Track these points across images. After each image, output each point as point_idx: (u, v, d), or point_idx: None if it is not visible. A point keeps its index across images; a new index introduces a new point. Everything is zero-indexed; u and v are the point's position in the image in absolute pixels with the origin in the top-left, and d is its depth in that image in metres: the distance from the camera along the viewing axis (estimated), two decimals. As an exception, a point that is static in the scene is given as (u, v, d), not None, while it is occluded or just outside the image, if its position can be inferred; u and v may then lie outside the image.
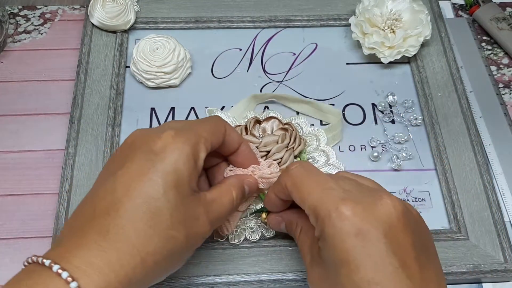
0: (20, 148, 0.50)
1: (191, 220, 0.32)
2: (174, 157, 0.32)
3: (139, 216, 0.30)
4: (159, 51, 0.51)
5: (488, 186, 0.47)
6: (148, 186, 0.31)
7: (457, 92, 0.52)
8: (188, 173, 0.32)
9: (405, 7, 0.53)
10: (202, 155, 0.34)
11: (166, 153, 0.32)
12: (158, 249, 0.30)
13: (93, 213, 0.31)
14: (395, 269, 0.28)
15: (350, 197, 0.31)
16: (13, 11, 0.58)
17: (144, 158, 0.32)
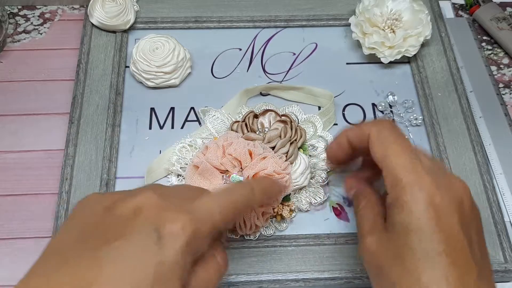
0: (20, 148, 0.50)
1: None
2: (175, 249, 0.26)
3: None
4: (159, 51, 0.50)
5: (488, 186, 0.47)
6: (135, 278, 0.25)
7: (457, 92, 0.52)
8: (181, 270, 0.26)
9: (405, 7, 0.53)
10: (203, 248, 0.29)
11: (169, 242, 0.26)
12: None
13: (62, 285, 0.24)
14: (463, 246, 0.30)
15: (431, 173, 0.32)
16: (12, 11, 0.58)
17: (143, 240, 0.26)
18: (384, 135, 0.34)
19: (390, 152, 0.33)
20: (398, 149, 0.33)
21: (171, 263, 0.25)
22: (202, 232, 0.27)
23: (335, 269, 0.42)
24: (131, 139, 0.49)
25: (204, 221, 0.28)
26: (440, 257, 0.29)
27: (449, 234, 0.30)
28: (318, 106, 0.52)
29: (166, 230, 0.26)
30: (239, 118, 0.48)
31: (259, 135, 0.45)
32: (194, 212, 0.27)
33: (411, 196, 0.31)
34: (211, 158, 0.42)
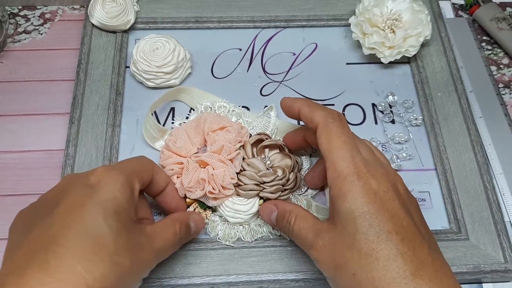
0: (20, 148, 0.50)
1: (135, 247, 0.33)
2: (110, 187, 0.33)
3: (81, 244, 0.30)
4: (159, 51, 0.51)
5: (488, 186, 0.47)
6: (87, 216, 0.31)
7: (457, 92, 0.52)
8: (126, 201, 0.33)
9: (405, 7, 0.53)
10: (136, 186, 0.36)
11: (101, 184, 0.33)
12: (105, 275, 0.30)
13: (31, 252, 0.29)
14: (409, 223, 0.33)
15: (366, 163, 0.35)
16: (13, 11, 0.58)
17: (80, 192, 0.32)
18: (330, 127, 0.36)
19: (333, 145, 0.35)
20: (340, 142, 0.35)
21: (110, 198, 0.33)
22: (124, 171, 0.35)
23: (335, 269, 0.42)
24: (131, 139, 0.49)
25: (122, 167, 0.36)
26: (391, 235, 0.31)
27: (393, 214, 0.32)
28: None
29: (91, 180, 0.33)
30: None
31: (261, 162, 0.45)
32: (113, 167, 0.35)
33: (351, 185, 0.33)
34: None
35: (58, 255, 0.29)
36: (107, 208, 0.32)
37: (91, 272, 0.29)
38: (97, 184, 0.33)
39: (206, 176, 0.42)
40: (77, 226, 0.30)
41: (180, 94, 0.51)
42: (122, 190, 0.33)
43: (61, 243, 0.29)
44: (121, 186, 0.33)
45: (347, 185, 0.33)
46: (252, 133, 0.48)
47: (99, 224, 0.31)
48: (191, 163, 0.43)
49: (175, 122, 0.50)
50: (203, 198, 0.43)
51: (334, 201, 0.34)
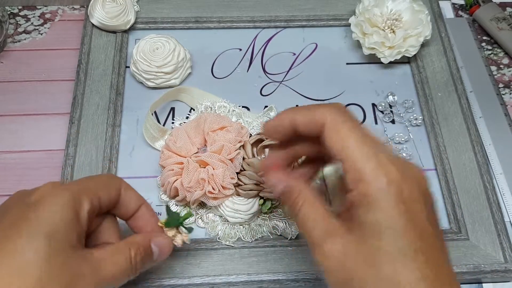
0: (20, 148, 0.50)
1: (70, 277, 0.29)
2: (49, 206, 0.30)
3: (4, 270, 0.27)
4: (159, 51, 0.51)
5: (488, 186, 0.47)
6: (15, 238, 0.28)
7: (457, 92, 0.52)
8: (64, 224, 0.30)
9: (405, 7, 0.53)
10: (85, 207, 0.32)
11: (41, 202, 0.30)
12: None
13: None
14: (434, 240, 0.28)
15: (396, 163, 0.28)
16: (13, 11, 0.58)
17: (17, 211, 0.30)
18: (340, 123, 0.29)
19: (350, 142, 0.29)
20: (358, 138, 0.29)
21: (44, 220, 0.30)
22: (71, 190, 0.32)
23: (335, 269, 0.42)
24: (131, 139, 0.49)
25: (73, 185, 0.33)
26: (417, 255, 0.27)
27: (422, 229, 0.28)
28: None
29: (31, 198, 0.31)
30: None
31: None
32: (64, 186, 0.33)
33: (379, 192, 0.27)
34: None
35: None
36: (39, 231, 0.29)
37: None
38: (36, 203, 0.30)
39: (206, 176, 0.42)
40: (4, 249, 0.28)
41: (180, 94, 0.51)
42: (61, 210, 0.30)
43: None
44: (61, 205, 0.30)
45: (374, 191, 0.27)
46: (252, 133, 0.48)
47: (25, 248, 0.28)
48: (191, 163, 0.43)
49: (175, 122, 0.50)
50: (203, 197, 0.43)
51: (355, 207, 0.28)
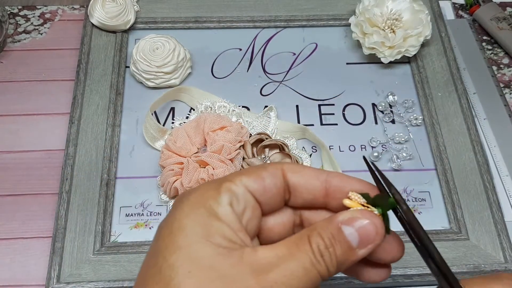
0: (20, 148, 0.50)
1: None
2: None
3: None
4: (159, 51, 0.50)
5: (488, 186, 0.47)
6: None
7: (457, 92, 0.52)
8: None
9: (405, 7, 0.53)
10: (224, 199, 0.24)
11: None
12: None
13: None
14: None
15: None
16: (13, 11, 0.58)
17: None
18: None
19: None
20: None
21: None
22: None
23: (335, 269, 0.42)
24: (131, 139, 0.49)
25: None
26: None
27: None
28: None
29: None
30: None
31: (261, 162, 0.45)
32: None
33: None
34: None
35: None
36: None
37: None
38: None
39: (206, 176, 0.42)
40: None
41: (180, 94, 0.51)
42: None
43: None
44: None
45: None
46: (252, 133, 0.48)
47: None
48: (191, 163, 0.43)
49: (175, 122, 0.50)
50: None
51: None
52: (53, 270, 0.41)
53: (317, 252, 0.22)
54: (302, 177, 0.26)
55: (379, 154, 0.49)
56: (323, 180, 0.26)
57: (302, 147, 0.49)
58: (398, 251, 0.25)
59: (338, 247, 0.22)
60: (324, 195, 0.26)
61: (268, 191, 0.25)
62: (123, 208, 0.46)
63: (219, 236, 0.22)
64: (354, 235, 0.23)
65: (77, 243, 0.43)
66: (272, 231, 0.26)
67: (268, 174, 0.25)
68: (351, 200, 0.24)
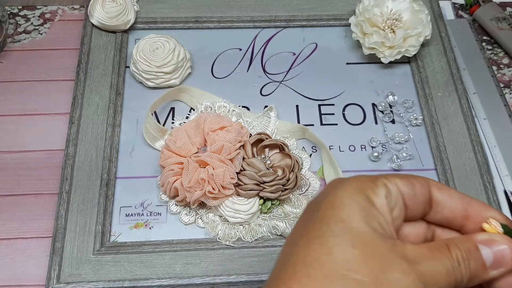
0: (20, 148, 0.50)
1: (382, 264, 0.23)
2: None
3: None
4: (159, 51, 0.50)
5: (488, 186, 0.47)
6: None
7: (457, 92, 0.52)
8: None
9: (405, 7, 0.53)
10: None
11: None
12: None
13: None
14: None
15: None
16: (13, 11, 0.58)
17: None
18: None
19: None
20: None
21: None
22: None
23: (335, 269, 0.42)
24: (131, 139, 0.49)
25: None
26: None
27: None
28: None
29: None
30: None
31: (262, 162, 0.45)
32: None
33: None
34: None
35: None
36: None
37: None
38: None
39: (206, 176, 0.42)
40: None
41: (180, 94, 0.51)
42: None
43: None
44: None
45: None
46: (252, 133, 0.48)
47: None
48: (191, 163, 0.43)
49: (175, 122, 0.50)
50: (203, 198, 0.43)
51: None
52: (53, 270, 0.41)
53: (456, 260, 0.24)
54: (447, 195, 0.27)
55: (379, 154, 0.49)
56: (466, 203, 0.27)
57: (302, 147, 0.49)
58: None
59: (473, 262, 0.25)
60: (464, 217, 0.27)
61: (416, 197, 0.27)
62: (123, 208, 0.46)
63: (375, 221, 0.24)
64: (489, 255, 0.25)
65: (77, 243, 0.43)
66: (407, 238, 0.28)
67: (418, 183, 0.27)
68: (490, 226, 0.26)
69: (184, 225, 0.45)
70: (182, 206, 0.45)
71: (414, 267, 0.23)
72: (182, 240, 0.44)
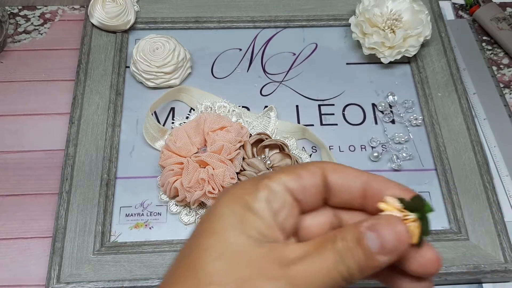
0: (20, 148, 0.50)
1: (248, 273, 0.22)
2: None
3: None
4: (159, 51, 0.50)
5: (488, 186, 0.47)
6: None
7: (457, 92, 0.52)
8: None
9: (405, 7, 0.53)
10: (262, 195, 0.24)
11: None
12: None
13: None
14: None
15: None
16: (13, 11, 0.58)
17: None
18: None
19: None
20: None
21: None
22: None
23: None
24: (131, 139, 0.49)
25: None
26: None
27: None
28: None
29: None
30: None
31: (262, 162, 0.45)
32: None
33: None
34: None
35: None
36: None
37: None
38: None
39: (206, 176, 0.42)
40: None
41: (180, 94, 0.51)
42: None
43: None
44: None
45: None
46: (252, 133, 0.48)
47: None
48: (191, 163, 0.43)
49: (175, 122, 0.50)
50: (203, 198, 0.43)
51: None
52: (53, 270, 0.41)
53: (340, 253, 0.22)
54: (342, 177, 0.26)
55: (379, 154, 0.49)
56: (363, 181, 0.25)
57: (302, 147, 0.49)
58: (431, 265, 0.24)
59: (360, 251, 0.22)
60: (361, 196, 0.26)
61: (307, 190, 0.25)
62: (123, 208, 0.46)
63: (252, 228, 0.23)
64: (375, 242, 0.22)
65: (77, 243, 0.43)
66: (310, 230, 0.26)
67: (307, 173, 0.25)
68: (386, 204, 0.24)
69: (184, 225, 0.45)
70: (182, 206, 0.45)
71: (285, 271, 0.22)
72: (182, 240, 0.44)
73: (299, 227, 0.26)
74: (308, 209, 0.26)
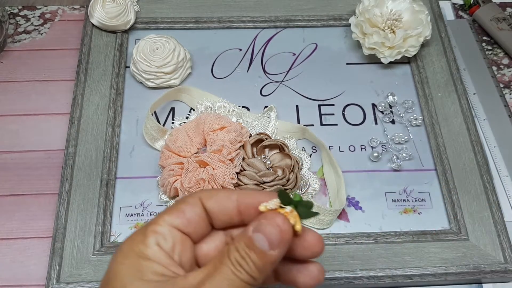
0: (20, 148, 0.50)
1: None
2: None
3: None
4: (159, 51, 0.50)
5: (488, 186, 0.47)
6: None
7: (457, 92, 0.52)
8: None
9: (405, 7, 0.53)
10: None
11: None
12: None
13: None
14: None
15: None
16: (13, 11, 0.58)
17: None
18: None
19: None
20: None
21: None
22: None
23: (334, 269, 0.42)
24: (131, 139, 0.49)
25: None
26: None
27: None
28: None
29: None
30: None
31: (261, 162, 0.45)
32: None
33: None
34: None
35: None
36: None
37: None
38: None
39: (206, 176, 0.42)
40: None
41: (180, 94, 0.51)
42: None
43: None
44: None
45: None
46: (252, 133, 0.48)
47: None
48: (191, 163, 0.43)
49: (175, 122, 0.50)
50: None
51: None
52: (53, 270, 0.41)
53: (236, 263, 0.24)
54: (215, 201, 0.27)
55: (379, 155, 0.49)
56: (234, 200, 0.27)
57: (302, 147, 0.49)
58: (316, 245, 0.27)
59: (253, 254, 0.24)
60: (237, 214, 0.27)
61: (192, 222, 0.27)
62: (123, 208, 0.46)
63: (150, 273, 0.25)
64: (263, 240, 0.24)
65: (77, 243, 0.43)
66: (208, 255, 0.28)
67: (188, 206, 0.27)
68: (265, 206, 0.26)
69: (184, 225, 0.45)
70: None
71: None
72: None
73: (197, 257, 0.28)
74: (200, 237, 0.28)
